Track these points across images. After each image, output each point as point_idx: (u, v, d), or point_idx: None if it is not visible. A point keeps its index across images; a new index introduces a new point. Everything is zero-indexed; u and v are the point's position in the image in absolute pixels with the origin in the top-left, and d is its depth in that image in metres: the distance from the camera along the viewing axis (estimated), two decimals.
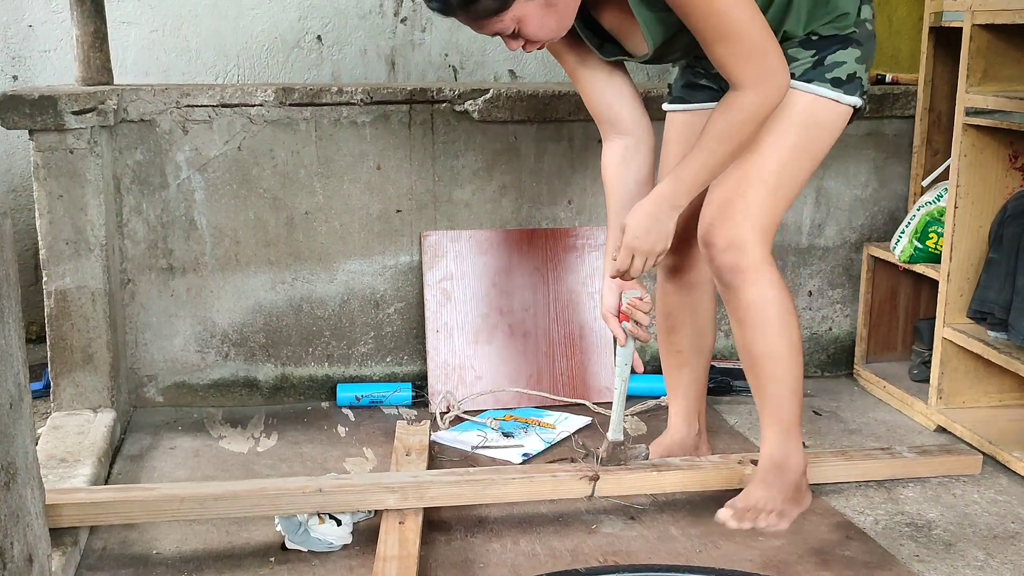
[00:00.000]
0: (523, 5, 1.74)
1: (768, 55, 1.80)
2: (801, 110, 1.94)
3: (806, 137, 1.95)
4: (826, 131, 1.97)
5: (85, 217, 2.48)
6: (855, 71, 1.95)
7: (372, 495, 2.05)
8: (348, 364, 2.86)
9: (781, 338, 1.96)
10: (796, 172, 1.96)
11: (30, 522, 1.52)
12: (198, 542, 2.04)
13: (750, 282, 1.93)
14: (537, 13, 1.76)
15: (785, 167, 1.94)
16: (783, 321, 1.96)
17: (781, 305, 1.95)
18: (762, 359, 1.98)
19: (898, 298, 3.03)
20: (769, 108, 1.84)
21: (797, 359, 1.99)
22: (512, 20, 1.75)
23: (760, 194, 1.93)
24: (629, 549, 2.02)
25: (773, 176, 1.93)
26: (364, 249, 2.81)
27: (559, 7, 1.78)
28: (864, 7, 1.97)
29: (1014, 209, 2.49)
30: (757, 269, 1.93)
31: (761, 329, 1.96)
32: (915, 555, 2.02)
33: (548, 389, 2.79)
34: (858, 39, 1.95)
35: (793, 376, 1.99)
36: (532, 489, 2.13)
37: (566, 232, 2.88)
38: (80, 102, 2.43)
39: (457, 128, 2.80)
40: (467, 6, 1.72)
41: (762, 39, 1.80)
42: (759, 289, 1.94)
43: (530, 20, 1.76)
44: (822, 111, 1.95)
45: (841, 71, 1.94)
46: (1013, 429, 2.50)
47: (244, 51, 3.35)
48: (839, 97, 1.94)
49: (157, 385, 2.78)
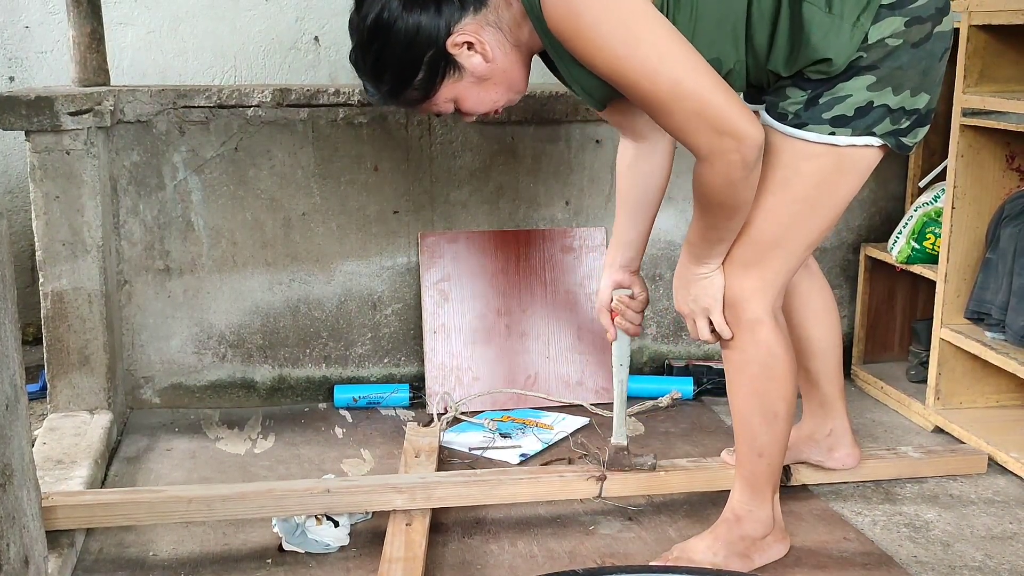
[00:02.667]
0: (452, 87, 1.71)
1: (721, 117, 1.57)
2: (793, 160, 1.74)
3: (810, 188, 1.75)
4: (836, 178, 1.76)
5: (81, 218, 2.48)
6: (870, 100, 1.69)
7: (380, 496, 2.04)
8: (346, 365, 2.86)
9: (753, 400, 1.86)
10: (801, 225, 1.78)
11: (26, 524, 1.51)
12: (195, 544, 2.04)
13: (737, 338, 1.83)
14: (471, 90, 1.72)
15: (783, 225, 1.77)
16: (760, 386, 1.84)
17: (762, 369, 1.83)
18: (735, 413, 1.91)
19: (895, 299, 3.03)
20: (742, 170, 1.62)
21: (772, 424, 1.86)
22: (446, 102, 1.73)
23: (752, 256, 1.79)
24: (627, 550, 2.02)
25: (768, 237, 1.78)
26: (361, 250, 2.81)
27: (495, 78, 1.72)
28: (882, 24, 1.66)
29: (1011, 210, 2.49)
30: (746, 328, 1.82)
31: (735, 387, 1.88)
32: (913, 556, 2.02)
33: (545, 390, 2.79)
34: (869, 64, 1.68)
35: (763, 440, 1.87)
36: (539, 490, 2.12)
37: (563, 233, 2.88)
38: (76, 103, 2.42)
39: (454, 129, 2.80)
40: (395, 97, 1.72)
41: (709, 100, 1.57)
42: (741, 347, 1.84)
43: (465, 98, 1.73)
44: (821, 158, 1.73)
45: (845, 106, 1.69)
46: (1011, 429, 2.50)
47: (241, 52, 3.34)
48: (838, 140, 1.71)
49: (154, 387, 2.78)
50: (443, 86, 1.70)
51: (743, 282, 1.81)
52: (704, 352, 3.03)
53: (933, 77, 1.73)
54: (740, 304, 1.82)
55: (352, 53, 1.73)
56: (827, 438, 2.21)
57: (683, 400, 2.82)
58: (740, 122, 1.59)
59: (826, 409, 2.19)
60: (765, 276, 1.81)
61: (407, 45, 1.65)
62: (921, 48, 1.69)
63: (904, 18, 1.67)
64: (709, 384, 2.87)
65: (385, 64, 1.68)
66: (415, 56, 1.66)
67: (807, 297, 2.11)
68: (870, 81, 1.69)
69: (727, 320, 1.84)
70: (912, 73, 1.70)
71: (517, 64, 1.73)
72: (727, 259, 1.82)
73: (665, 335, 3.00)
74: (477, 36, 1.66)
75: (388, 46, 1.66)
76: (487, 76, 1.71)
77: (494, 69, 1.70)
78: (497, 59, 1.69)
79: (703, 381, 2.87)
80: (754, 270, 1.80)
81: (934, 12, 1.69)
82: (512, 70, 1.73)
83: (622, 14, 1.57)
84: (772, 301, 1.83)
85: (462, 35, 1.65)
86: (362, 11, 1.68)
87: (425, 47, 1.65)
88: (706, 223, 1.75)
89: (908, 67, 1.69)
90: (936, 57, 1.72)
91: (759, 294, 1.81)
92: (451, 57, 1.67)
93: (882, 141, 1.74)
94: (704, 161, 1.63)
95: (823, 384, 2.16)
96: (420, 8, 1.63)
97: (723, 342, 1.87)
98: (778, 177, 1.75)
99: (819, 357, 2.13)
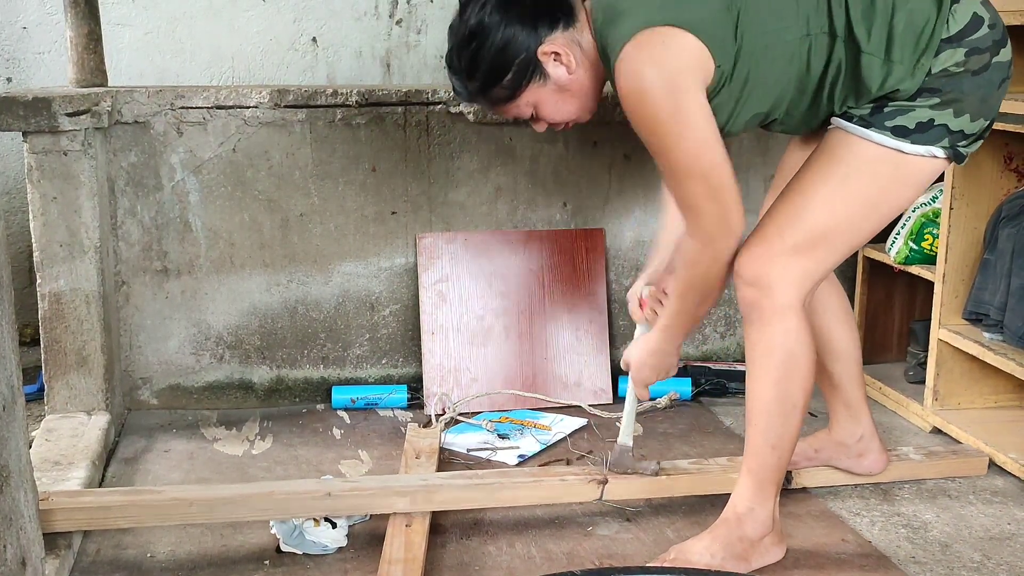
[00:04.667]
0: (536, 91, 1.87)
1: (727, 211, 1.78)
2: (855, 159, 1.82)
3: (867, 188, 1.83)
4: (893, 183, 1.84)
5: (79, 219, 2.47)
6: (931, 118, 1.79)
7: (382, 499, 2.04)
8: (343, 366, 2.85)
9: (775, 389, 1.87)
10: (851, 225, 1.85)
11: (23, 525, 1.51)
12: (193, 545, 2.04)
13: (765, 322, 1.85)
14: (551, 97, 1.88)
15: (836, 218, 1.84)
16: (784, 374, 1.86)
17: (788, 357, 1.86)
18: (753, 401, 1.91)
19: (893, 300, 3.03)
20: (724, 263, 1.84)
21: (789, 416, 1.89)
22: (527, 105, 1.89)
23: (801, 240, 1.84)
24: (625, 552, 2.02)
25: (819, 226, 1.83)
26: (359, 251, 2.81)
27: (574, 91, 1.88)
28: (943, 55, 1.77)
29: (1009, 210, 2.49)
30: (777, 313, 1.84)
31: (759, 373, 1.88)
32: (912, 556, 2.02)
33: (544, 391, 2.79)
34: (933, 88, 1.78)
35: (778, 432, 1.89)
36: (542, 493, 2.12)
37: (561, 234, 2.88)
38: (74, 104, 2.42)
39: (452, 130, 2.80)
40: (483, 94, 1.89)
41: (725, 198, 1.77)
42: (770, 333, 1.85)
43: (544, 104, 1.89)
44: (884, 161, 1.82)
45: (907, 119, 1.79)
46: (1009, 430, 2.50)
47: (239, 53, 3.34)
48: (902, 146, 1.80)
49: (151, 388, 2.77)
50: (528, 88, 1.87)
51: (786, 266, 1.84)
52: (702, 353, 3.03)
53: (991, 103, 1.84)
54: (777, 287, 1.84)
55: (448, 54, 1.90)
56: (857, 443, 2.23)
57: (681, 401, 2.82)
58: (738, 220, 1.80)
59: (853, 413, 2.21)
60: (807, 266, 1.85)
61: (502, 48, 1.83)
62: (981, 76, 1.80)
63: (964, 49, 1.78)
64: (707, 385, 2.87)
65: (479, 63, 1.85)
66: (508, 58, 1.83)
67: (827, 299, 2.13)
68: (934, 102, 1.79)
69: (758, 300, 1.86)
70: (972, 99, 1.80)
71: (592, 82, 1.90)
72: (774, 238, 1.85)
73: None
74: (565, 49, 1.84)
75: (484, 47, 1.83)
76: (567, 87, 1.88)
77: (574, 81, 1.87)
78: (577, 73, 1.87)
79: (701, 382, 2.87)
80: (799, 257, 1.84)
81: (991, 44, 1.80)
82: (588, 86, 1.89)
83: (679, 113, 1.74)
84: (806, 293, 1.87)
85: (551, 45, 1.83)
86: (464, 16, 1.86)
87: (518, 51, 1.83)
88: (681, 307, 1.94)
89: (969, 93, 1.80)
90: (995, 85, 1.82)
91: (797, 282, 1.85)
92: (539, 63, 1.85)
93: (944, 153, 1.82)
94: (694, 239, 1.83)
95: (848, 387, 2.18)
96: (518, 20, 1.82)
97: (749, 329, 1.89)
98: (840, 172, 1.83)
99: (842, 359, 2.15)
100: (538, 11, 1.83)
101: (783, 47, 1.79)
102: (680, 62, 1.73)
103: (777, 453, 1.91)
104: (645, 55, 1.73)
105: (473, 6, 1.84)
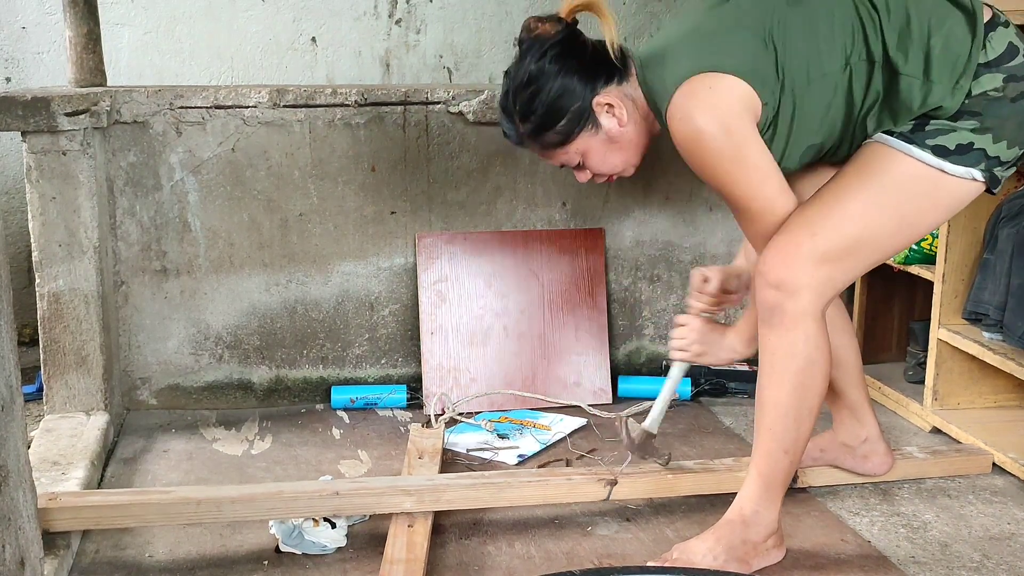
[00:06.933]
0: (586, 140, 1.93)
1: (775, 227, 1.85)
2: (894, 173, 1.83)
3: (904, 204, 1.84)
4: (929, 202, 1.84)
5: (78, 219, 2.47)
6: (971, 141, 1.80)
7: (389, 498, 2.04)
8: (343, 366, 2.85)
9: (793, 395, 1.86)
10: (881, 239, 1.86)
11: (22, 525, 1.51)
12: (192, 546, 2.03)
13: (785, 327, 1.84)
14: (600, 148, 1.95)
15: (868, 229, 1.84)
16: (802, 380, 1.86)
17: (808, 364, 1.85)
18: (767, 405, 1.90)
19: (893, 300, 3.03)
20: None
21: (803, 422, 1.89)
22: (576, 153, 1.95)
23: (832, 247, 1.83)
24: (624, 552, 2.02)
25: (852, 236, 1.83)
26: (358, 251, 2.81)
27: (622, 144, 1.95)
28: (982, 79, 1.79)
29: (1009, 210, 2.49)
30: (798, 318, 1.83)
31: (777, 377, 1.87)
32: (911, 556, 2.01)
33: (543, 391, 2.78)
34: (972, 111, 1.80)
35: (792, 437, 1.89)
36: (548, 492, 2.12)
37: (561, 234, 2.88)
38: (73, 104, 2.42)
39: (452, 130, 2.79)
40: (536, 137, 1.94)
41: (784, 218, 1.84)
42: (791, 338, 1.84)
43: (593, 153, 1.95)
44: (922, 179, 1.82)
45: (948, 139, 1.80)
46: (1009, 430, 2.50)
47: (238, 53, 3.34)
48: (943, 166, 1.81)
49: (150, 388, 2.77)
50: (579, 136, 1.93)
51: (813, 273, 1.83)
52: None
53: None
54: (801, 292, 1.83)
55: (503, 96, 1.95)
56: (862, 445, 2.24)
57: (681, 401, 2.82)
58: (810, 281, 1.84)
59: (857, 416, 2.22)
60: (833, 274, 1.86)
61: (559, 95, 1.89)
62: (1018, 103, 1.81)
63: (1002, 75, 1.80)
64: (707, 385, 2.87)
65: (535, 107, 1.91)
66: (563, 105, 1.90)
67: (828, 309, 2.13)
68: (974, 125, 1.81)
69: (780, 304, 1.84)
70: (1011, 125, 1.81)
71: (640, 136, 1.96)
72: (805, 240, 1.83)
73: (663, 335, 3.00)
74: (618, 101, 1.91)
75: (542, 92, 1.89)
76: (617, 139, 1.94)
77: (624, 134, 1.94)
78: (628, 126, 1.94)
79: (701, 382, 2.87)
80: (826, 265, 1.84)
81: None
82: (635, 141, 1.96)
83: (739, 154, 1.79)
84: (828, 301, 1.87)
85: (606, 97, 1.91)
86: (523, 61, 1.91)
87: (573, 100, 1.90)
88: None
89: (1008, 118, 1.81)
90: None
91: (821, 289, 1.85)
92: (593, 113, 1.91)
93: (983, 176, 1.83)
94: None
95: (849, 392, 2.19)
96: (576, 71, 1.89)
97: (767, 332, 1.87)
98: (877, 183, 1.84)
99: (841, 366, 2.15)
100: (596, 64, 1.90)
101: (826, 78, 1.81)
102: (730, 104, 1.78)
103: (789, 458, 1.91)
104: (695, 103, 1.78)
105: (534, 53, 1.89)
